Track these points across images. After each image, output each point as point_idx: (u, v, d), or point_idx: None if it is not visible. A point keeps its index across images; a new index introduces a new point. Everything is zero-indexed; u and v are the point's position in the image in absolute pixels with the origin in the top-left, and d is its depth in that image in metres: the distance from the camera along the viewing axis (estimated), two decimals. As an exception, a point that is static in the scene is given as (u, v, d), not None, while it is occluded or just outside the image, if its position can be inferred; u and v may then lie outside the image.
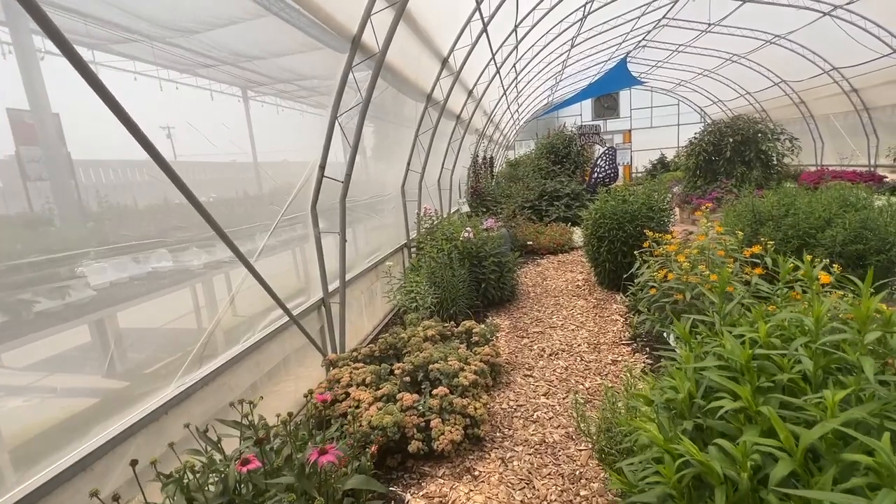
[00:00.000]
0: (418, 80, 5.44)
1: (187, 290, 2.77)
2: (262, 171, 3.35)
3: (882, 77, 12.21)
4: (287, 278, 3.67)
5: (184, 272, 2.62)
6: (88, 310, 2.05)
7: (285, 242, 3.59)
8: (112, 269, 2.27)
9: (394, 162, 6.19)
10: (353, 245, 5.06)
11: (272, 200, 3.19)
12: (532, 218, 10.00)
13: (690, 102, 22.71)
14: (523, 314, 5.29)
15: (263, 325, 3.10)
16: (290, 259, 3.74)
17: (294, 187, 3.49)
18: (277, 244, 3.50)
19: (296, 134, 3.60)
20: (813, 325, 1.31)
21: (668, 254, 3.58)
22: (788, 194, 4.72)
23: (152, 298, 2.43)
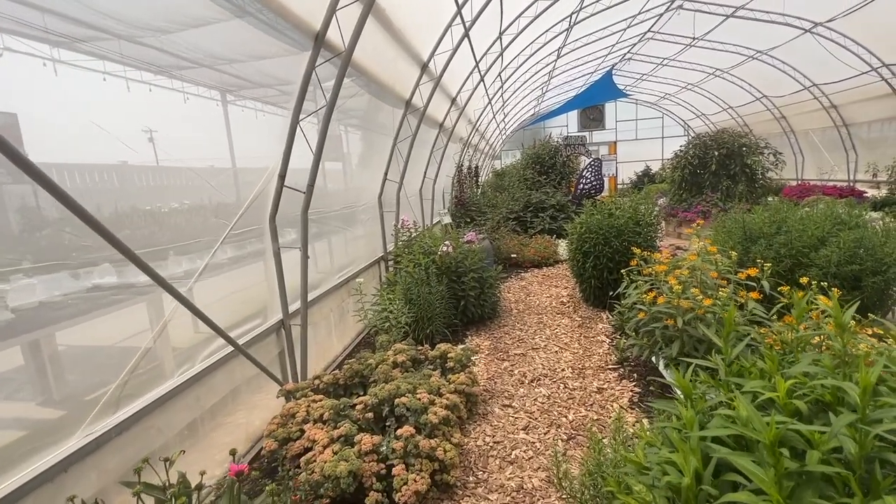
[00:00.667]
0: (395, 85, 5.16)
1: (115, 313, 2.41)
2: (209, 179, 3.01)
3: (861, 94, 12.39)
4: (243, 298, 3.31)
5: (101, 297, 2.26)
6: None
7: (240, 259, 3.24)
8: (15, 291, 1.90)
9: (371, 171, 5.88)
10: (324, 259, 4.72)
11: (217, 213, 2.84)
12: (516, 229, 9.76)
13: (674, 116, 22.96)
14: (505, 333, 4.99)
15: (207, 354, 2.73)
16: (247, 276, 3.38)
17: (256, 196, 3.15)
18: (230, 261, 3.15)
19: (252, 138, 3.26)
20: (859, 398, 1.02)
21: (657, 273, 3.32)
22: (779, 211, 4.54)
23: (65, 326, 2.07)
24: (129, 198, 2.52)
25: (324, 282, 4.42)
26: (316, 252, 4.58)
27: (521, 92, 14.19)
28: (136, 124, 2.37)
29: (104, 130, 2.10)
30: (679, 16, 11.93)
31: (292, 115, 3.11)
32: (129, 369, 2.12)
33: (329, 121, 3.12)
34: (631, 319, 3.67)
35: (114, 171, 2.57)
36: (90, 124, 2.14)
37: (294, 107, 3.10)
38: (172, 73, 2.73)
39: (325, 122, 3.11)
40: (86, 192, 2.26)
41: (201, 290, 2.84)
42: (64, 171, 2.16)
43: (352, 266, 5.18)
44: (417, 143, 7.06)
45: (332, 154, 5.41)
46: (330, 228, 4.88)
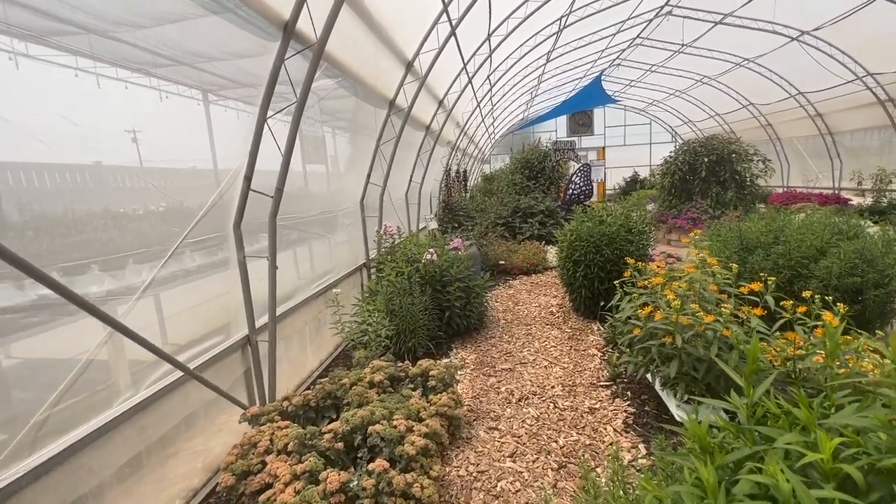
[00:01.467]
0: (377, 84, 4.90)
1: (54, 330, 2.10)
2: (167, 181, 2.71)
3: (845, 103, 12.49)
4: (204, 312, 3.01)
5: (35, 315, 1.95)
6: None
7: (202, 269, 2.94)
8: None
9: (353, 173, 5.61)
10: (301, 266, 4.43)
11: (165, 219, 2.55)
12: (505, 235, 9.56)
13: (662, 122, 23.10)
14: (492, 346, 4.74)
15: (158, 377, 2.43)
16: (210, 288, 3.08)
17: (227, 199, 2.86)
18: (190, 271, 2.85)
19: (217, 137, 2.97)
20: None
21: (653, 286, 3.11)
22: (775, 219, 4.38)
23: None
24: (95, 200, 2.22)
25: (299, 291, 4.13)
26: (292, 259, 4.29)
27: (511, 96, 14.05)
28: (112, 123, 2.09)
29: (77, 126, 1.82)
30: (668, 22, 11.90)
31: (259, 111, 2.84)
32: (51, 402, 1.82)
33: (300, 118, 2.85)
34: (625, 334, 3.45)
35: (87, 172, 2.31)
36: (57, 122, 1.86)
37: (261, 103, 2.83)
38: (150, 71, 2.47)
39: (295, 120, 2.84)
40: (47, 194, 1.97)
41: (153, 305, 2.54)
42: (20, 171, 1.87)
43: (331, 274, 4.89)
44: (403, 145, 6.81)
45: (314, 156, 5.15)
46: (308, 234, 4.59)
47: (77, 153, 2.09)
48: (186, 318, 2.83)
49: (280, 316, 3.70)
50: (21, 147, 1.86)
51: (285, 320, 3.80)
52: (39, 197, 1.94)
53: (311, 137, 5.01)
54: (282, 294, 3.86)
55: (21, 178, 1.85)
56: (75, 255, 2.04)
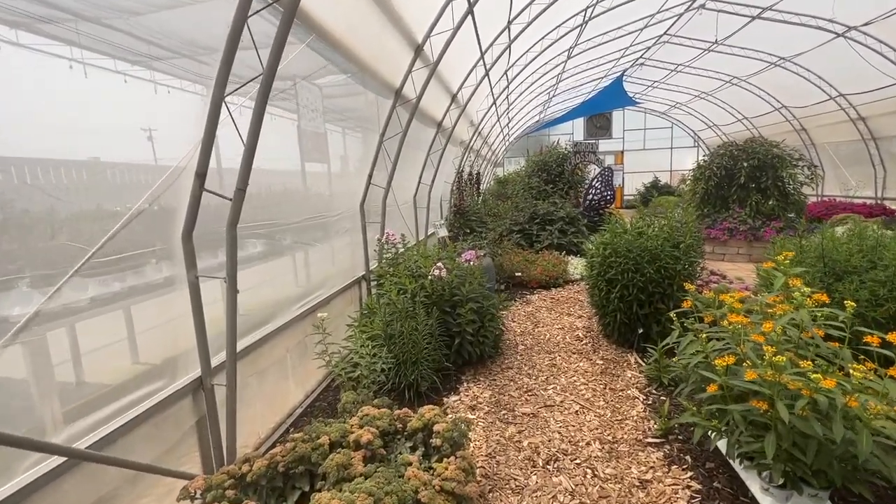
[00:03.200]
0: (380, 68, 4.20)
1: None
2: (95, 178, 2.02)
3: (891, 105, 11.50)
4: (135, 349, 2.31)
5: None
6: None
7: (136, 292, 2.25)
8: None
9: (352, 173, 4.91)
10: (284, 283, 3.73)
11: (57, 229, 1.84)
12: (521, 243, 8.79)
13: (684, 126, 22.12)
14: (509, 380, 3.98)
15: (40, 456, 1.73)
16: (149, 316, 2.39)
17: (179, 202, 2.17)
18: (125, 292, 2.16)
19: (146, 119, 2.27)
20: None
21: (734, 327, 2.32)
22: (863, 237, 3.57)
23: None
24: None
25: (279, 313, 3.43)
26: (272, 274, 3.60)
27: (528, 94, 13.30)
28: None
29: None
30: (700, 16, 11.04)
31: (214, 87, 2.14)
32: None
33: (267, 96, 2.14)
34: (686, 382, 2.67)
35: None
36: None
37: (217, 76, 2.13)
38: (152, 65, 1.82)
39: (261, 99, 2.13)
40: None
41: (60, 340, 1.86)
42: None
43: (322, 289, 4.18)
44: (410, 141, 6.10)
45: (314, 154, 4.49)
46: (294, 244, 3.90)
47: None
48: (107, 357, 2.14)
49: (254, 345, 3.01)
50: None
51: (261, 349, 3.10)
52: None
53: (314, 134, 4.35)
54: (256, 319, 3.17)
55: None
56: None
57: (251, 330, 3.12)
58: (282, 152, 3.95)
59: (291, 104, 3.68)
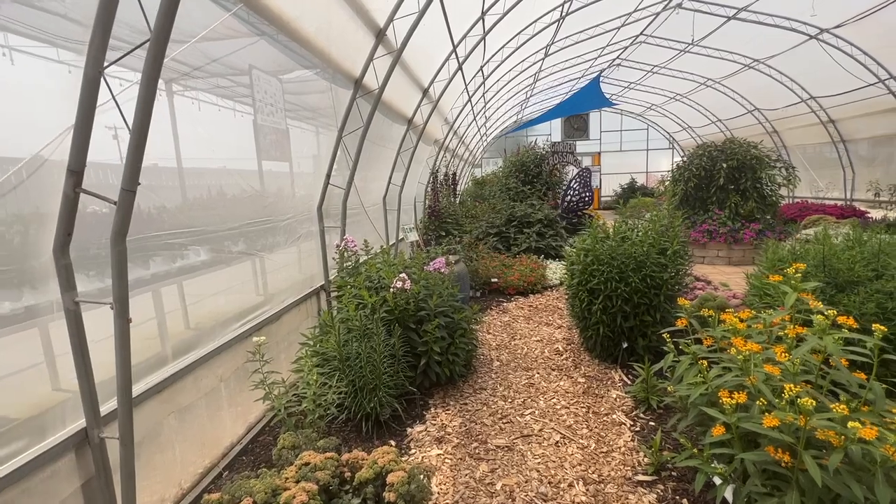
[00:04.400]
0: (336, 53, 3.71)
1: None
2: None
3: (863, 108, 11.64)
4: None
5: None
6: None
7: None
8: None
9: (305, 172, 4.41)
10: (217, 300, 3.20)
11: None
12: (498, 247, 8.40)
13: (660, 128, 22.27)
14: (482, 404, 3.55)
15: None
16: (10, 354, 1.85)
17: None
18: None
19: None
20: None
21: (742, 356, 1.94)
22: (861, 243, 3.28)
23: None
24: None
25: (210, 336, 2.90)
26: (200, 290, 3.07)
27: (506, 93, 12.97)
28: None
29: None
30: (677, 15, 10.92)
31: (88, 54, 1.63)
32: None
33: (158, 69, 1.64)
34: (685, 415, 2.29)
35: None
36: None
37: (90, 41, 1.62)
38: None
39: (149, 73, 1.63)
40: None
41: None
42: None
43: (270, 305, 3.67)
44: (377, 138, 5.64)
45: (273, 152, 3.99)
46: (237, 251, 3.38)
47: None
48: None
49: (174, 377, 2.49)
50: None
51: (183, 382, 2.58)
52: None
53: (275, 130, 3.86)
54: (179, 344, 2.65)
55: None
56: None
57: (173, 358, 2.59)
58: (222, 148, 3.44)
59: (232, 93, 3.18)
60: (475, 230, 8.88)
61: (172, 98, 2.97)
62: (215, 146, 3.36)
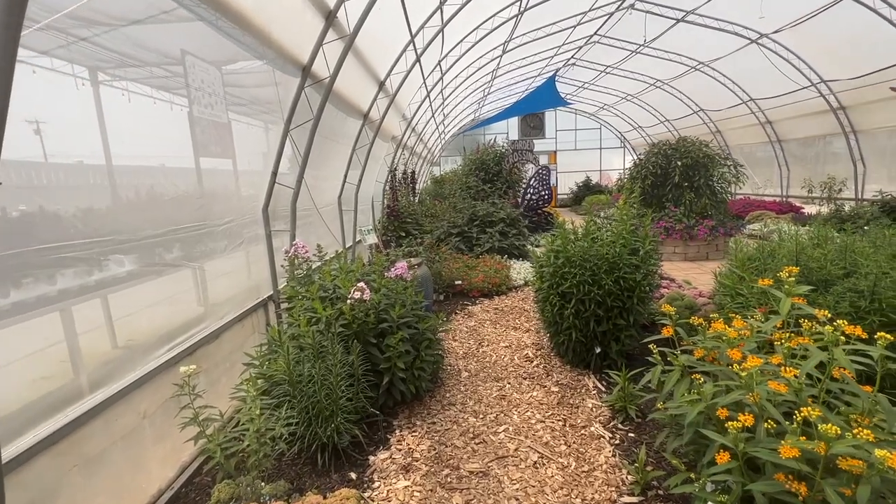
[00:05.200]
0: (274, 30, 3.27)
1: None
2: None
3: (797, 110, 12.40)
4: None
5: None
6: None
7: None
8: None
9: (248, 169, 3.93)
10: (138, 320, 2.71)
11: None
12: (460, 247, 8.15)
13: (612, 127, 22.93)
14: (452, 422, 3.26)
15: None
16: None
17: None
18: None
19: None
20: None
21: (745, 373, 1.76)
22: (825, 238, 3.28)
23: None
24: None
25: (122, 370, 2.42)
26: (128, 307, 2.57)
27: (463, 90, 12.75)
28: None
29: None
30: (630, 16, 11.12)
31: None
32: None
33: (19, 15, 1.21)
34: (683, 437, 2.10)
35: None
36: None
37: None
38: None
39: (4, 22, 1.19)
40: None
41: None
42: None
43: (205, 323, 3.19)
44: (331, 133, 5.21)
45: (213, 148, 3.51)
46: (159, 263, 2.88)
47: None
48: None
49: (76, 421, 2.01)
50: None
51: (89, 427, 2.10)
52: None
53: (207, 121, 3.39)
54: (85, 378, 2.16)
55: None
56: None
57: (76, 398, 2.11)
58: (156, 144, 2.98)
59: (169, 84, 2.72)
60: (437, 230, 8.59)
61: (98, 88, 2.55)
62: (147, 142, 2.90)
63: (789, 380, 1.68)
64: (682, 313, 3.69)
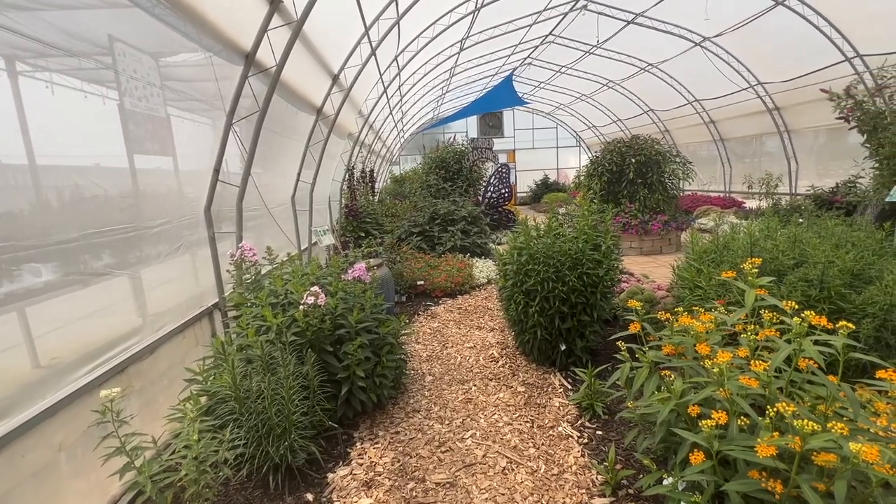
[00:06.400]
0: (208, 9, 2.98)
1: None
2: None
3: (737, 110, 13.14)
4: None
5: None
6: None
7: None
8: None
9: (194, 168, 3.59)
10: (62, 334, 2.37)
11: None
12: (422, 247, 7.99)
13: (568, 126, 23.49)
14: (416, 431, 3.10)
15: None
16: None
17: None
18: None
19: None
20: None
21: (715, 368, 1.71)
22: (772, 229, 3.39)
23: None
24: None
25: (32, 397, 2.09)
26: (48, 321, 2.22)
27: (421, 87, 12.58)
28: None
29: None
30: (583, 17, 11.35)
31: None
32: None
33: None
34: (654, 437, 2.04)
35: None
36: None
37: None
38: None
39: None
40: None
41: None
42: None
43: (138, 336, 2.85)
44: (281, 129, 4.90)
45: (150, 144, 3.18)
46: (85, 271, 2.53)
47: None
48: None
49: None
50: None
51: None
52: None
53: (142, 115, 3.06)
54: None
55: None
56: None
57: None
58: (84, 141, 2.65)
59: (102, 77, 2.41)
60: (397, 230, 8.38)
61: (17, 80, 2.24)
62: (75, 139, 2.56)
63: (759, 373, 1.64)
64: (644, 307, 3.71)
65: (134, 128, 3.11)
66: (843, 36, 8.75)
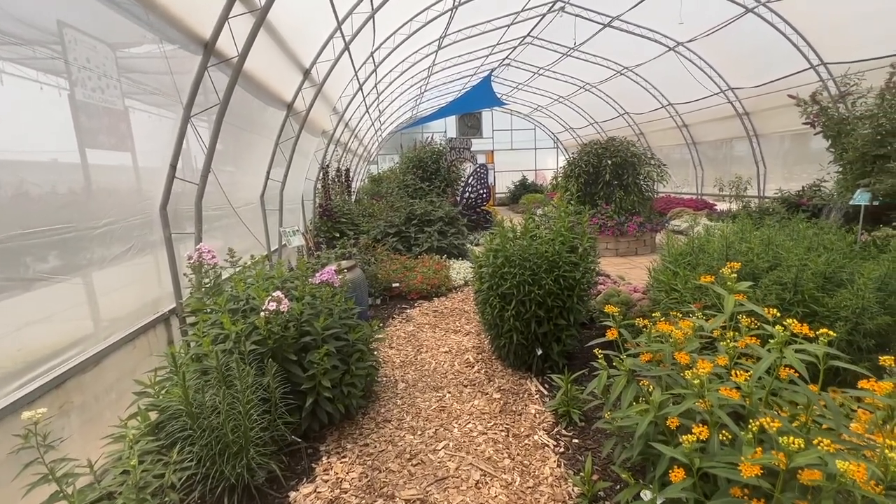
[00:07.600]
0: (168, 0, 2.77)
1: None
2: None
3: (709, 114, 13.44)
4: None
5: None
6: None
7: None
8: None
9: (155, 166, 3.34)
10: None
11: None
12: (398, 248, 7.82)
13: (545, 128, 23.66)
14: (387, 443, 2.95)
15: None
16: None
17: None
18: None
19: None
20: None
21: (696, 379, 1.63)
22: (746, 231, 3.38)
23: None
24: None
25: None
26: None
27: (399, 85, 12.39)
28: None
29: None
30: (561, 19, 11.40)
31: None
32: None
33: None
34: (632, 449, 1.95)
35: None
36: None
37: None
38: None
39: None
40: None
41: None
42: None
43: (81, 346, 2.61)
44: (246, 123, 4.67)
45: (102, 139, 2.93)
46: (25, 274, 2.28)
47: None
48: None
49: None
50: None
51: None
52: None
53: (96, 107, 2.82)
54: None
55: None
56: None
57: None
58: (27, 132, 2.40)
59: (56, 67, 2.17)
60: (373, 230, 8.19)
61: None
62: (20, 131, 2.32)
63: (740, 384, 1.57)
64: (620, 310, 3.66)
65: (87, 120, 2.87)
66: (809, 44, 9.01)
